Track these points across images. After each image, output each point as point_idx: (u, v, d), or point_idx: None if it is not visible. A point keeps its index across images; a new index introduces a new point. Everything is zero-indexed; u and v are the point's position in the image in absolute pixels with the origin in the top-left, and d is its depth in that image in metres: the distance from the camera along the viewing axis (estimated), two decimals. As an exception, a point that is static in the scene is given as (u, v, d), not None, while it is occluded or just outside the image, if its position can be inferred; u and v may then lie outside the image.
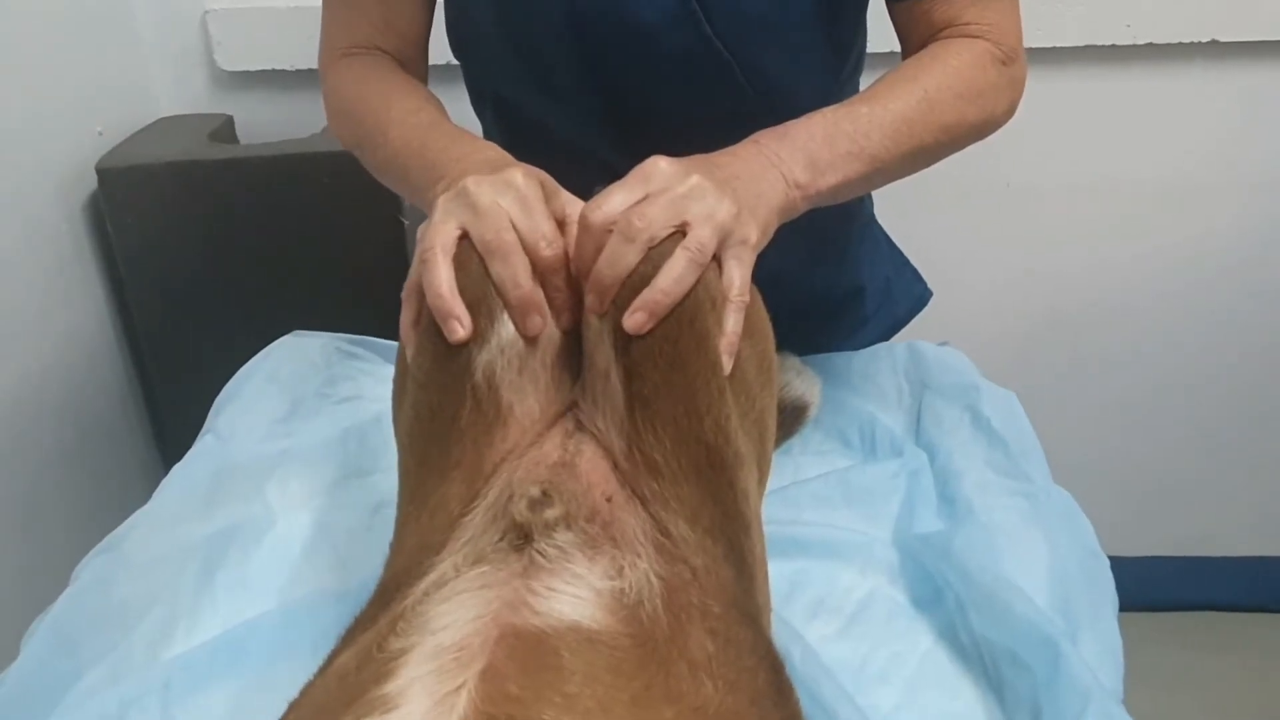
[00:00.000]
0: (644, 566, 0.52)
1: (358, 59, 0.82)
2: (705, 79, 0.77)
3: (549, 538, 0.52)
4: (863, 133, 0.69)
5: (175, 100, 1.41)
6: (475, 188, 0.56)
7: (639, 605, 0.50)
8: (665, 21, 0.74)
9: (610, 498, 0.55)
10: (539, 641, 0.46)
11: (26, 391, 1.17)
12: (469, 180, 0.57)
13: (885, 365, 0.95)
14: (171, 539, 0.74)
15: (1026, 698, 0.62)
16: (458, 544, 0.53)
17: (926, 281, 1.05)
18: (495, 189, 0.56)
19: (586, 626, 0.48)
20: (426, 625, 0.47)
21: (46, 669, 0.62)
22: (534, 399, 0.57)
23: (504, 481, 0.55)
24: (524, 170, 0.58)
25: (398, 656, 0.46)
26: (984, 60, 0.75)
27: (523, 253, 0.55)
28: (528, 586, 0.49)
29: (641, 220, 0.54)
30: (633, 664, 0.47)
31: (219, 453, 0.84)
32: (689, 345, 0.54)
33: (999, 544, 0.72)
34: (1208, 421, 1.64)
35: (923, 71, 0.73)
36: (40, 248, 1.20)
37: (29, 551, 1.16)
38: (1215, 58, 1.38)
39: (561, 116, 0.82)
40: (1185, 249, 1.52)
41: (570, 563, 0.51)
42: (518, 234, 0.55)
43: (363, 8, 0.82)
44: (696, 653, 0.49)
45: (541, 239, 0.56)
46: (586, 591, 0.50)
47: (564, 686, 0.44)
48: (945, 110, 0.72)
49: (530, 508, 0.52)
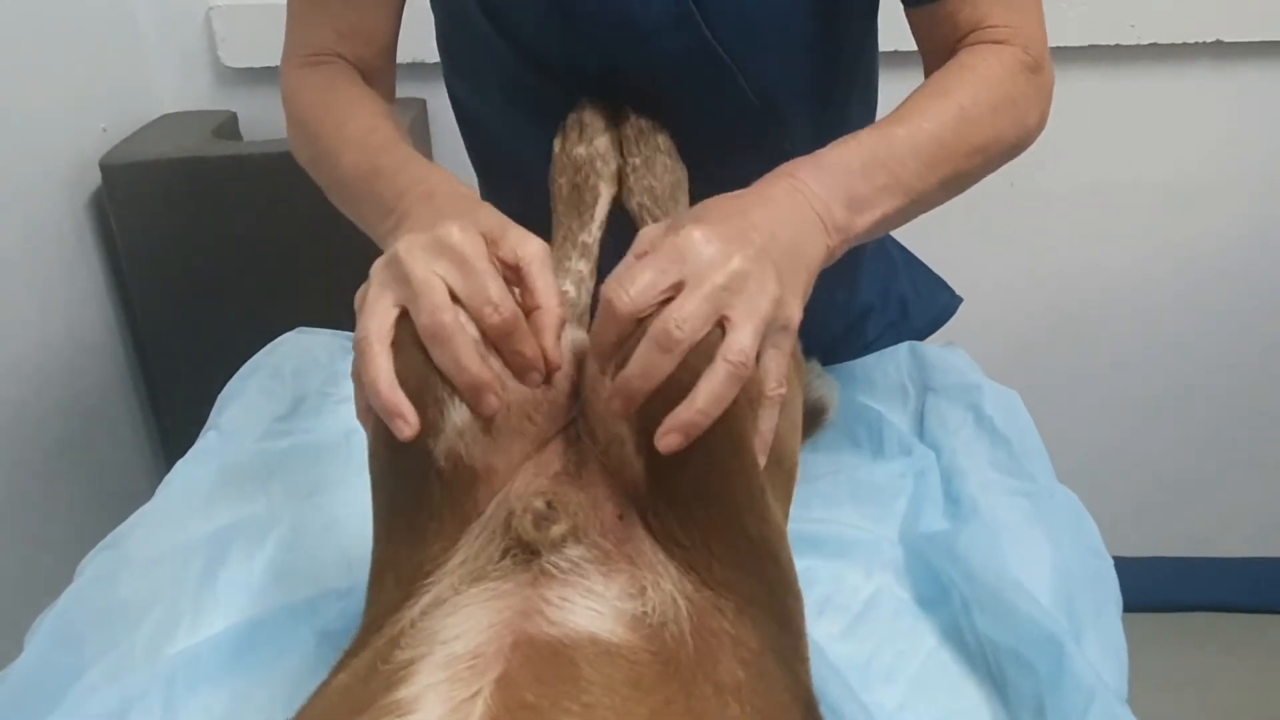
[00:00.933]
0: (668, 588, 0.49)
1: (318, 68, 0.79)
2: (704, 83, 0.75)
3: (559, 553, 0.50)
4: (898, 160, 0.64)
5: (179, 97, 1.41)
6: (407, 255, 0.51)
7: (663, 626, 0.48)
8: (663, 24, 0.72)
9: (621, 515, 0.52)
10: (555, 651, 0.45)
11: (29, 387, 1.17)
12: (400, 247, 0.52)
13: (889, 365, 0.95)
14: (175, 536, 0.74)
15: (1030, 696, 0.61)
16: (452, 565, 0.51)
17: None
18: (429, 254, 0.51)
19: (605, 639, 0.46)
20: (435, 636, 0.46)
21: (49, 665, 0.62)
22: (518, 448, 0.54)
23: (500, 502, 0.53)
24: (460, 224, 0.53)
25: (406, 666, 0.45)
26: (1014, 68, 0.71)
27: (464, 331, 0.50)
28: (540, 596, 0.48)
29: (680, 329, 0.49)
30: (653, 678, 0.45)
31: (222, 450, 0.84)
32: (724, 451, 0.50)
33: (1003, 543, 0.72)
34: (1210, 421, 1.64)
35: (955, 84, 0.69)
36: (44, 244, 1.20)
37: (31, 547, 1.16)
38: (1219, 58, 1.38)
39: (546, 119, 0.79)
40: (1188, 249, 1.52)
41: (584, 577, 0.49)
42: (461, 301, 0.51)
43: (328, 11, 0.79)
44: (725, 678, 0.47)
45: (486, 305, 0.50)
46: (603, 606, 0.48)
47: (581, 696, 0.43)
48: (982, 127, 0.68)
49: (536, 524, 0.50)
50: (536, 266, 0.54)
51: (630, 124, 0.75)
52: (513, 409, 0.53)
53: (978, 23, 0.71)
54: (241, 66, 1.39)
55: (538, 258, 0.54)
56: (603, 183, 0.74)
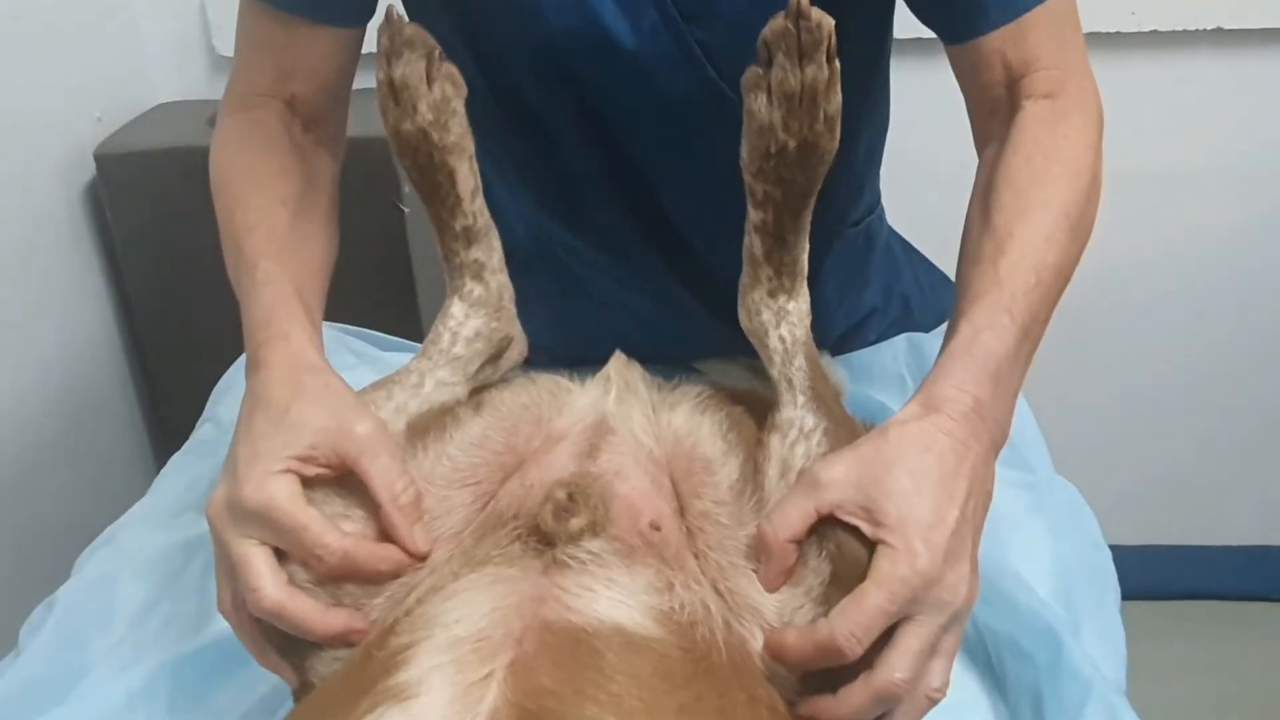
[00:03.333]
0: (698, 590, 0.49)
1: (246, 114, 0.73)
2: (704, 119, 0.70)
3: (576, 545, 0.49)
4: (1033, 314, 0.58)
5: (174, 86, 1.40)
6: (221, 533, 0.52)
7: (693, 626, 0.47)
8: (662, 63, 0.69)
9: (659, 526, 0.51)
10: (575, 638, 0.44)
11: (24, 377, 1.17)
12: (212, 514, 0.53)
13: (886, 356, 0.94)
14: (175, 532, 0.73)
15: (1028, 687, 0.62)
16: (444, 559, 0.51)
17: (929, 275, 1.01)
18: (239, 525, 0.51)
19: (631, 630, 0.45)
20: (434, 620, 0.45)
21: (53, 663, 0.63)
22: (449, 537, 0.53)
23: (518, 485, 0.53)
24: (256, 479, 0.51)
25: (404, 650, 0.44)
26: (1094, 137, 0.66)
27: (294, 601, 0.50)
28: (554, 583, 0.47)
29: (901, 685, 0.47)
30: (684, 673, 0.44)
31: (219, 442, 0.84)
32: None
33: (1002, 534, 0.71)
34: (1210, 410, 1.64)
35: (1054, 185, 0.62)
36: (39, 233, 1.19)
37: (25, 537, 1.16)
38: (1220, 45, 1.37)
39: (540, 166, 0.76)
40: (1188, 238, 1.51)
41: (605, 567, 0.48)
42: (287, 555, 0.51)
43: (270, 49, 0.73)
44: (760, 691, 0.46)
45: (310, 557, 0.50)
46: (628, 597, 0.47)
47: (608, 685, 0.42)
48: (1086, 227, 0.63)
49: (555, 516, 0.49)
50: (365, 461, 0.52)
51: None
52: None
53: (1027, 66, 0.65)
54: (236, 55, 1.38)
55: (365, 451, 0.52)
56: (451, 157, 0.60)
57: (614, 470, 0.54)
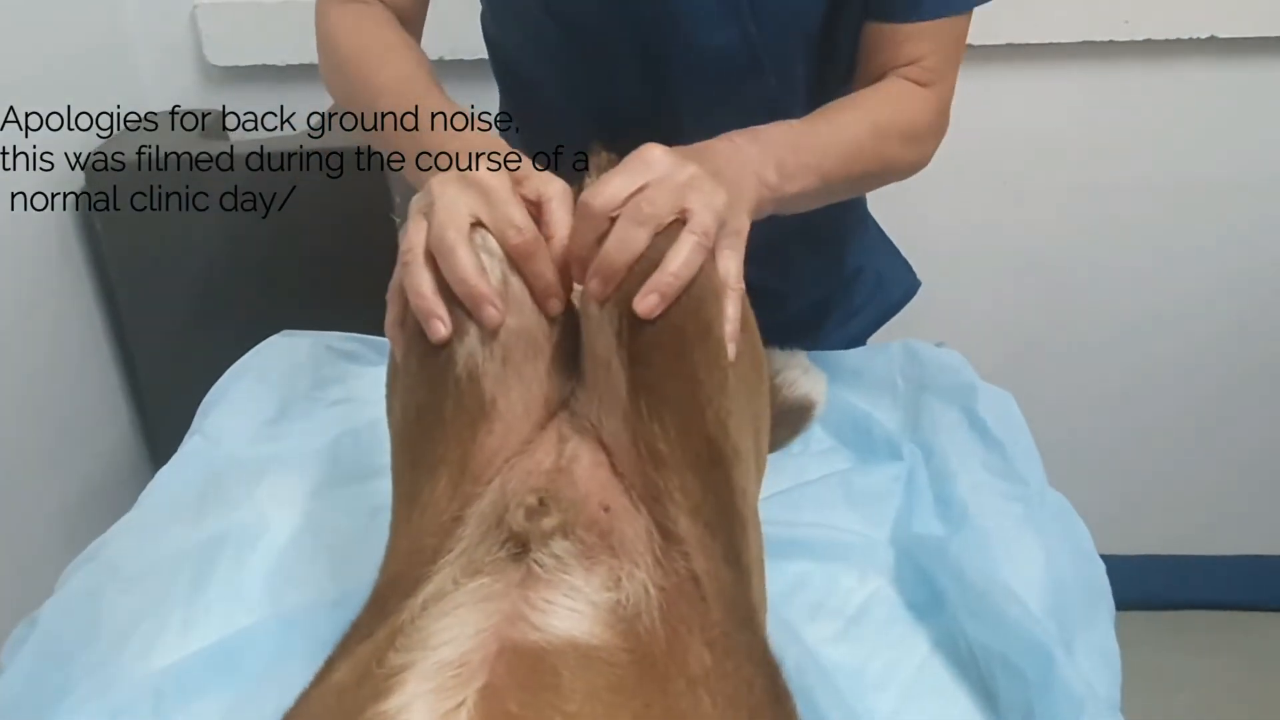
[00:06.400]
0: (641, 577, 0.52)
1: (354, 5, 0.82)
2: (733, 72, 0.80)
3: (546, 547, 0.52)
4: (820, 149, 0.73)
5: (165, 95, 1.39)
6: (439, 189, 0.57)
7: (636, 618, 0.50)
8: (708, 16, 0.77)
9: (608, 507, 0.55)
10: (538, 658, 0.47)
11: (13, 386, 1.16)
12: (434, 182, 0.58)
13: (881, 364, 0.94)
14: (161, 546, 0.73)
15: (1020, 704, 0.61)
16: (453, 554, 0.53)
17: (923, 281, 1.05)
18: (458, 187, 0.57)
19: (585, 642, 0.48)
20: (426, 641, 0.48)
21: (35, 681, 0.62)
22: (518, 394, 0.57)
23: (498, 490, 0.55)
24: (488, 163, 0.59)
25: (397, 673, 0.46)
26: (929, 110, 0.80)
27: (466, 245, 0.55)
28: (525, 599, 0.50)
29: (650, 205, 0.55)
30: (632, 681, 0.47)
31: (208, 455, 0.83)
32: (694, 333, 0.55)
33: (994, 548, 0.71)
34: (1204, 419, 1.64)
35: (878, 105, 0.79)
36: (28, 242, 1.19)
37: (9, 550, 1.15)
38: (1214, 54, 1.37)
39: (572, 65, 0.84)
40: (1183, 247, 1.51)
41: (568, 574, 0.51)
42: (486, 225, 0.56)
43: None
44: (695, 667, 0.49)
45: (510, 227, 0.56)
46: (584, 605, 0.50)
47: (565, 705, 0.44)
48: (890, 146, 0.78)
49: (528, 516, 0.52)
50: (556, 203, 0.58)
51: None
52: (515, 347, 0.56)
53: (915, 58, 0.79)
54: (227, 65, 1.38)
55: (558, 196, 0.59)
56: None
57: (571, 457, 0.57)
